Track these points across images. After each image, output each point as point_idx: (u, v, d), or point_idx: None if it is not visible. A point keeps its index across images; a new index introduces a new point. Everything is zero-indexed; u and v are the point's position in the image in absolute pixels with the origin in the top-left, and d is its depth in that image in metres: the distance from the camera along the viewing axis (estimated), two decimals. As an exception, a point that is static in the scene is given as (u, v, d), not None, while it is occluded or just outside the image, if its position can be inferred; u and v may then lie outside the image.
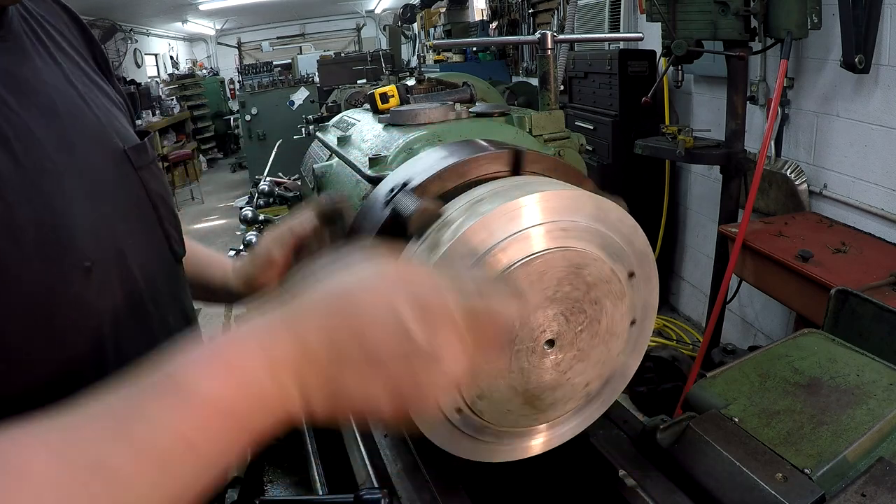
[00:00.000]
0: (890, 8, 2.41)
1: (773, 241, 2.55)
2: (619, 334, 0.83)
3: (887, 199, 2.55)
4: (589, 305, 0.79)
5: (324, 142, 1.62)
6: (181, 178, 10.03)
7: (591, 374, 0.84)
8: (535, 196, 0.75)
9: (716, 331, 2.98)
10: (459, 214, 0.76)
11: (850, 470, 0.86)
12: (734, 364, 1.12)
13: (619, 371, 0.89)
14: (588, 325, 0.80)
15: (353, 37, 15.62)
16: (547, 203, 0.75)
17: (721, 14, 2.61)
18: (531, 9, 5.82)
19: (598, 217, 0.79)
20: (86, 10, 8.66)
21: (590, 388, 0.86)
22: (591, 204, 0.78)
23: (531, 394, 0.80)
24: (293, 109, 8.51)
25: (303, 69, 11.52)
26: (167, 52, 13.23)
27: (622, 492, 0.92)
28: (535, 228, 0.74)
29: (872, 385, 1.01)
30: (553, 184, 0.82)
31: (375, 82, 4.04)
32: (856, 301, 1.24)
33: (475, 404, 0.78)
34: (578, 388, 0.84)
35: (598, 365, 0.83)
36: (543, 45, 1.34)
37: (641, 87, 3.44)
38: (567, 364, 0.80)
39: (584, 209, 0.78)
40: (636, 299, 0.85)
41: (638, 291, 0.85)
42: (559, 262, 0.75)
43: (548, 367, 0.79)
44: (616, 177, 4.00)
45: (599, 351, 0.82)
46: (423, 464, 0.97)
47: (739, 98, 2.87)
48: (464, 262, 0.72)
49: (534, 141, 1.22)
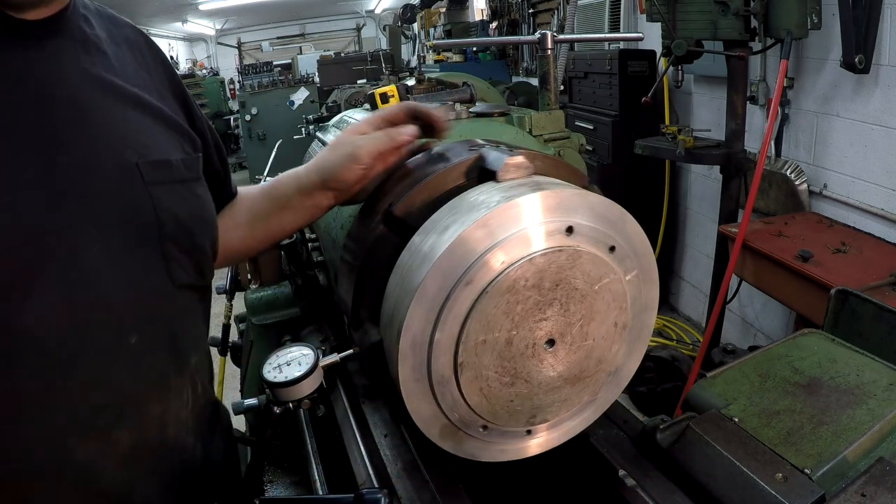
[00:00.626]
0: (890, 8, 2.41)
1: (773, 241, 2.55)
2: (618, 333, 0.83)
3: (887, 199, 2.55)
4: (589, 305, 0.79)
5: (324, 142, 1.62)
6: (181, 178, 10.02)
7: (591, 372, 0.84)
8: (535, 195, 0.75)
9: (716, 331, 2.98)
10: (459, 214, 0.76)
11: (850, 470, 0.86)
12: (734, 364, 1.12)
13: (619, 371, 0.89)
14: (588, 324, 0.80)
15: (353, 37, 15.62)
16: (546, 202, 0.75)
17: (721, 14, 2.61)
18: (531, 9, 5.82)
19: (598, 216, 0.79)
20: (86, 10, 8.66)
21: (590, 387, 0.86)
22: (590, 203, 0.78)
23: (532, 393, 0.80)
24: (293, 109, 8.51)
25: (303, 69, 11.52)
26: (167, 52, 13.21)
27: (622, 492, 0.92)
28: (535, 228, 0.74)
29: (872, 385, 1.01)
30: (553, 183, 0.82)
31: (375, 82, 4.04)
32: (856, 301, 1.24)
33: (475, 403, 0.78)
34: (578, 387, 0.84)
35: (597, 363, 0.83)
36: (543, 45, 1.35)
37: (641, 87, 3.44)
38: (567, 362, 0.80)
39: (583, 208, 0.78)
40: (636, 297, 0.85)
41: (637, 289, 0.85)
42: (559, 261, 0.75)
43: (548, 365, 0.79)
44: (616, 177, 4.00)
45: (599, 349, 0.82)
46: (423, 464, 0.97)
47: (739, 98, 2.87)
48: (463, 261, 0.72)
49: (534, 141, 1.22)
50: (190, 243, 0.79)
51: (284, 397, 0.74)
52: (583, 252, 0.76)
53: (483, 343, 0.75)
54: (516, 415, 0.81)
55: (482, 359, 0.75)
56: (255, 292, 1.62)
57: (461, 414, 0.80)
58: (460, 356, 0.75)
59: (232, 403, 1.12)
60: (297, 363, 0.75)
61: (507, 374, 0.77)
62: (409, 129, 0.87)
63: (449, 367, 0.76)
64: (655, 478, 0.93)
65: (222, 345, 2.13)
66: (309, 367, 0.73)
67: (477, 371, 0.76)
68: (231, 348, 2.12)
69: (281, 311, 1.58)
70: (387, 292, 0.80)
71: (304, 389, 0.73)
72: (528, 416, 0.83)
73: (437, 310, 0.73)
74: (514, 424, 0.83)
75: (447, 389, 0.77)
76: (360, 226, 0.91)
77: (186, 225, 0.78)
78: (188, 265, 0.79)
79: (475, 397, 0.78)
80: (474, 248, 0.72)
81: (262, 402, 1.08)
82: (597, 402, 0.90)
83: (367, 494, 0.70)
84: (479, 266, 0.72)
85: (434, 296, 0.72)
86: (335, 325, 1.47)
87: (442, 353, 0.75)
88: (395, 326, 0.75)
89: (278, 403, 0.81)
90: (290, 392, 0.73)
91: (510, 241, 0.73)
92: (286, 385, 0.73)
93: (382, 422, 1.10)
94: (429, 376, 0.76)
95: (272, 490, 1.22)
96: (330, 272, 1.28)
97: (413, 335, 0.74)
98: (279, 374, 0.74)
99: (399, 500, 0.91)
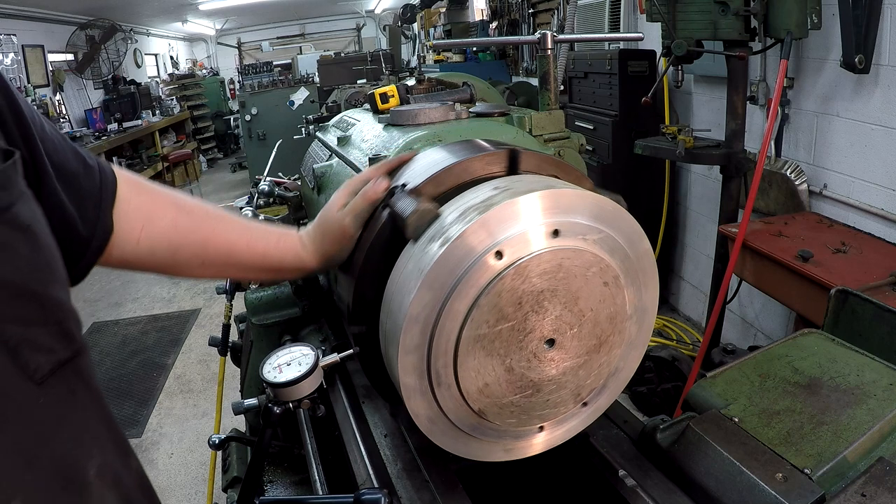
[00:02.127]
0: (890, 8, 2.41)
1: (773, 241, 2.55)
2: (618, 332, 0.83)
3: (887, 199, 2.54)
4: (588, 304, 0.79)
5: (324, 142, 1.62)
6: (181, 178, 10.04)
7: (591, 372, 0.84)
8: (534, 195, 0.74)
9: (716, 331, 2.98)
10: (459, 214, 0.76)
11: (850, 470, 0.86)
12: (734, 364, 1.12)
13: (619, 371, 0.89)
14: (588, 324, 0.80)
15: (353, 37, 15.61)
16: (546, 202, 0.75)
17: (721, 14, 2.61)
18: (531, 9, 5.83)
19: (597, 216, 0.79)
20: (86, 10, 8.67)
21: (590, 387, 0.85)
22: (589, 202, 0.78)
23: (532, 393, 0.80)
24: (293, 109, 8.50)
25: (303, 69, 11.52)
26: (167, 52, 13.23)
27: (622, 492, 0.92)
28: (534, 228, 0.74)
29: (872, 385, 1.01)
30: (552, 183, 0.82)
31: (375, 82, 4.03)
32: (856, 301, 1.24)
33: (476, 403, 0.78)
34: (578, 387, 0.84)
35: (597, 363, 0.83)
36: (543, 45, 1.35)
37: (641, 87, 3.43)
38: (567, 362, 0.80)
39: (582, 208, 0.78)
40: (635, 297, 0.85)
41: (637, 290, 0.85)
42: (558, 261, 0.75)
43: (548, 365, 0.79)
44: (616, 177, 4.00)
45: (599, 349, 0.82)
46: (423, 464, 0.97)
47: (739, 98, 2.87)
48: (463, 260, 0.72)
49: (534, 141, 1.22)
50: (39, 310, 0.53)
51: (284, 397, 0.74)
52: (584, 252, 0.76)
53: (483, 342, 0.75)
54: (517, 414, 0.81)
55: (482, 358, 0.75)
56: (255, 292, 1.62)
57: (462, 413, 0.80)
58: (460, 356, 0.75)
59: (232, 403, 1.12)
60: (297, 363, 0.74)
61: (508, 373, 0.77)
62: (381, 185, 0.88)
63: (449, 367, 0.76)
64: (655, 478, 0.93)
65: (222, 345, 2.13)
66: (309, 367, 0.73)
67: (477, 370, 0.76)
68: (231, 348, 2.12)
69: (281, 311, 1.58)
70: (387, 289, 0.80)
71: (304, 389, 0.73)
72: (528, 416, 0.83)
73: (437, 309, 0.73)
74: (514, 424, 0.83)
75: (447, 390, 0.77)
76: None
77: (24, 288, 0.52)
78: (49, 338, 0.53)
79: (477, 396, 0.78)
80: (474, 248, 0.72)
81: (262, 403, 1.08)
82: (596, 402, 0.90)
83: (367, 495, 0.70)
84: (478, 265, 0.72)
85: (434, 295, 0.72)
86: (335, 325, 1.47)
87: (442, 353, 0.75)
88: (397, 324, 0.75)
89: (278, 403, 0.81)
90: (290, 392, 0.73)
91: (510, 241, 0.73)
92: (286, 385, 0.73)
93: (382, 422, 1.10)
94: (429, 376, 0.76)
95: (272, 490, 1.22)
96: (330, 272, 1.28)
97: (412, 335, 0.74)
98: (279, 374, 0.74)
99: (399, 500, 0.91)
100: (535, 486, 1.09)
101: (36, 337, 0.52)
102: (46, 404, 0.52)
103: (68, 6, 8.20)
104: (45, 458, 0.50)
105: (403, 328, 0.73)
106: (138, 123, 8.86)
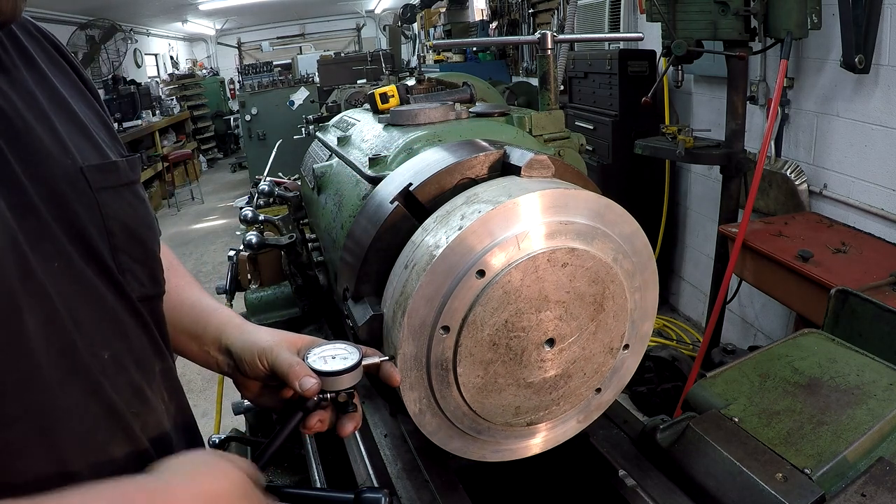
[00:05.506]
0: (890, 8, 2.41)
1: (773, 241, 2.55)
2: (618, 333, 0.83)
3: (887, 199, 2.54)
4: (588, 304, 0.79)
5: (324, 142, 1.62)
6: (181, 177, 10.04)
7: (591, 372, 0.84)
8: (534, 195, 0.75)
9: (716, 331, 2.98)
10: (458, 213, 0.76)
11: (850, 470, 0.86)
12: (734, 364, 1.12)
13: (619, 371, 0.89)
14: (587, 324, 0.80)
15: (353, 37, 15.62)
16: (545, 202, 0.75)
17: (721, 14, 2.61)
18: (531, 9, 5.82)
19: (597, 216, 0.79)
20: (86, 10, 8.67)
21: (590, 387, 0.86)
22: (589, 203, 0.78)
23: (532, 393, 0.80)
24: (293, 109, 8.50)
25: (303, 69, 11.52)
26: (167, 52, 13.23)
27: (622, 492, 0.92)
28: (534, 228, 0.74)
29: (872, 385, 1.01)
30: (551, 183, 0.82)
31: (375, 82, 4.03)
32: (856, 301, 1.24)
33: (476, 403, 0.78)
34: (578, 387, 0.84)
35: (597, 363, 0.83)
36: (543, 45, 1.34)
37: (641, 87, 3.43)
38: (567, 362, 0.80)
39: (582, 208, 0.78)
40: (635, 298, 0.85)
41: (637, 291, 0.85)
42: (557, 262, 0.75)
43: (548, 365, 0.79)
44: (616, 177, 4.00)
45: (599, 349, 0.82)
46: (423, 464, 0.97)
47: (739, 98, 2.87)
48: (462, 261, 0.72)
49: (534, 141, 1.22)
50: (143, 251, 0.74)
51: (325, 387, 0.73)
52: (583, 252, 0.76)
53: (483, 342, 0.75)
54: (517, 414, 0.81)
55: (482, 358, 0.75)
56: (255, 292, 1.62)
57: (461, 414, 0.80)
58: (460, 355, 0.75)
59: (232, 403, 1.13)
60: (342, 358, 0.74)
61: (507, 373, 0.77)
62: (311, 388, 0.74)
63: (449, 367, 0.76)
64: (655, 478, 0.93)
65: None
66: (354, 363, 0.72)
67: (476, 370, 0.76)
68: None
69: (281, 311, 1.58)
70: (392, 273, 0.80)
71: (344, 382, 0.72)
72: (528, 416, 0.83)
73: (438, 307, 0.73)
74: (514, 424, 0.83)
75: (447, 390, 0.77)
76: (377, 204, 0.90)
77: (135, 232, 0.73)
78: (140, 274, 0.73)
79: (477, 396, 0.78)
80: (475, 246, 0.72)
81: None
82: (595, 402, 0.90)
83: (367, 492, 0.70)
84: (480, 264, 0.72)
85: (437, 290, 0.72)
86: (335, 325, 1.47)
87: (441, 355, 0.75)
88: (399, 311, 0.75)
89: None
90: (332, 382, 0.72)
91: (510, 241, 0.73)
92: (333, 375, 0.72)
93: (382, 422, 1.10)
94: (429, 376, 0.76)
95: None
96: (330, 272, 1.28)
97: (413, 333, 0.74)
98: (324, 364, 0.73)
99: (399, 500, 0.91)
100: (536, 485, 1.09)
101: (136, 270, 0.72)
102: (134, 324, 0.72)
103: (68, 6, 8.19)
104: (128, 357, 0.70)
105: (406, 315, 0.73)
106: (138, 123, 8.86)
